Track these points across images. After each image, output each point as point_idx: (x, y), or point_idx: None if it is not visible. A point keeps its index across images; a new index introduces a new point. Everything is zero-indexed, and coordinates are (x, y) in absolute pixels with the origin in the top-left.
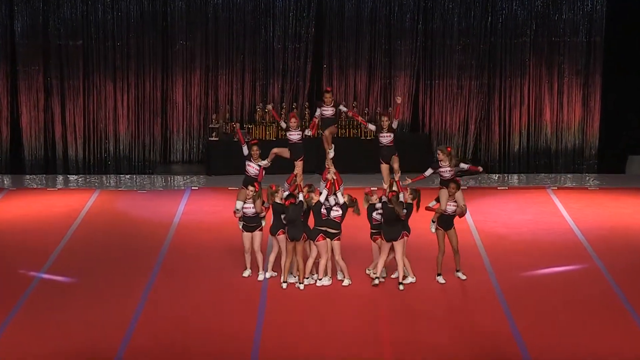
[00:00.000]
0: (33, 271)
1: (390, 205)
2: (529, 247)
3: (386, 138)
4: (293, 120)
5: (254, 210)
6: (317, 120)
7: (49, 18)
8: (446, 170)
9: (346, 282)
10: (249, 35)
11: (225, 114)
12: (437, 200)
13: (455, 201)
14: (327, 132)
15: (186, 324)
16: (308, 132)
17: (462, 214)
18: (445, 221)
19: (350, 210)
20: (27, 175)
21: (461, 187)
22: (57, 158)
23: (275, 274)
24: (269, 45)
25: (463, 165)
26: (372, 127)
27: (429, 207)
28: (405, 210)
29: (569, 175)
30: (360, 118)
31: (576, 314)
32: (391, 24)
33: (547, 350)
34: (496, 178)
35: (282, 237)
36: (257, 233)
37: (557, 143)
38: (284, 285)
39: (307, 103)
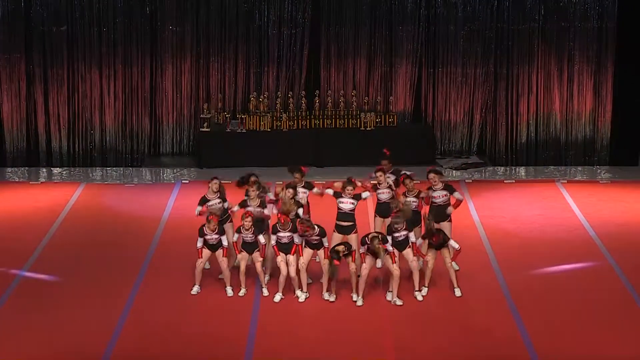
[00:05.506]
0: (14, 269)
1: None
2: (538, 243)
3: (385, 194)
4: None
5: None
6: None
7: (31, 2)
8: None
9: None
10: (242, 20)
11: (217, 103)
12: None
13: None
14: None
15: (176, 327)
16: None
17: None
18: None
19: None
20: (8, 168)
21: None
22: (40, 150)
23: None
24: (263, 31)
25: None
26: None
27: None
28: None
29: (579, 168)
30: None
31: (588, 314)
32: (392, 8)
33: (556, 352)
34: (503, 171)
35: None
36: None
37: (567, 134)
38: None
39: (303, 92)
